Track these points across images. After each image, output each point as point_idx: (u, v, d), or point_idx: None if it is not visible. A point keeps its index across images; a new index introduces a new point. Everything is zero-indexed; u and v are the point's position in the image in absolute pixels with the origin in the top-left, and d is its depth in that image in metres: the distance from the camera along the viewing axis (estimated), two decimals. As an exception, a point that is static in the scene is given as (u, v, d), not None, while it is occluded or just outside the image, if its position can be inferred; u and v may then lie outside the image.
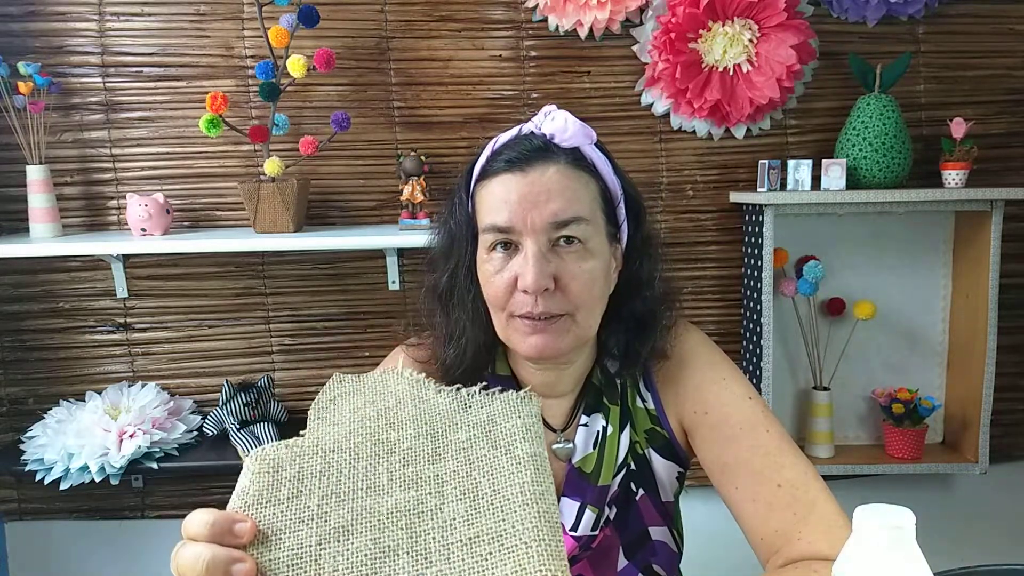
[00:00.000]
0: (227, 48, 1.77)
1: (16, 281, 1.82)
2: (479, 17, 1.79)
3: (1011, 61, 1.88)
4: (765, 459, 0.82)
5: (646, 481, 0.91)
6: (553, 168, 0.80)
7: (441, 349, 0.89)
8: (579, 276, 0.80)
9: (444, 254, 0.89)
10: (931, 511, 1.95)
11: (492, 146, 0.84)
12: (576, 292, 0.80)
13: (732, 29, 1.72)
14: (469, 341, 0.87)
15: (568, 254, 0.80)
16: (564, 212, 0.79)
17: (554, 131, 0.81)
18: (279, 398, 1.87)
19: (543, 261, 0.78)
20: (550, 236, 0.79)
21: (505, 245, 0.81)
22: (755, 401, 0.87)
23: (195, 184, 1.82)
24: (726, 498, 0.86)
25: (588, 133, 0.82)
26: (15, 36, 1.74)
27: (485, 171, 0.83)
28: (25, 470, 1.64)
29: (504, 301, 0.81)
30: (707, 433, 0.87)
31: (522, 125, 0.84)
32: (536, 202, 0.78)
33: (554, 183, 0.79)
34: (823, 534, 0.76)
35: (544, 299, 0.79)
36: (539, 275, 0.77)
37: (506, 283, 0.80)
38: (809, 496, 0.79)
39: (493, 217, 0.80)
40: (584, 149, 0.82)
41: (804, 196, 1.69)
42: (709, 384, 0.88)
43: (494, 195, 0.81)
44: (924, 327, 1.92)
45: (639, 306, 0.88)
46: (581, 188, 0.81)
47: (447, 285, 0.88)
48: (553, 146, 0.81)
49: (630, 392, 0.91)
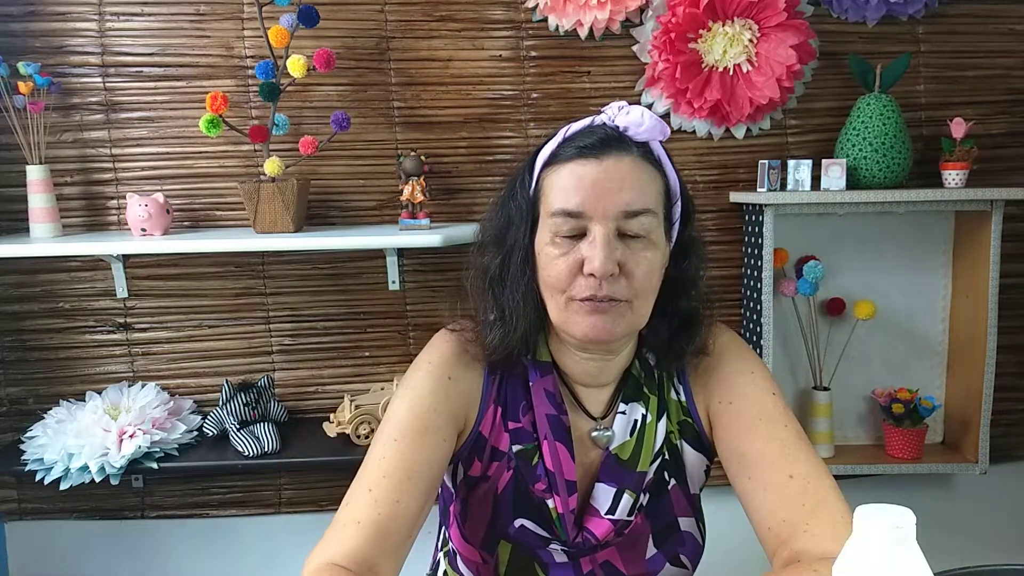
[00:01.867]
0: (227, 48, 1.77)
1: (16, 281, 1.82)
2: (479, 17, 1.79)
3: (1011, 61, 1.88)
4: (780, 450, 0.85)
5: (678, 472, 0.93)
6: (628, 158, 0.82)
7: (486, 331, 0.90)
8: (642, 264, 0.82)
9: (498, 237, 0.90)
10: (931, 511, 1.95)
11: (563, 134, 0.86)
12: (639, 279, 0.82)
13: (732, 29, 1.72)
14: (519, 323, 0.88)
15: (634, 242, 0.82)
16: (635, 202, 0.81)
17: (629, 123, 0.83)
18: (279, 398, 1.87)
19: (611, 247, 0.80)
20: (619, 224, 0.81)
21: (572, 231, 0.82)
22: (778, 397, 0.90)
23: (195, 184, 1.82)
24: (738, 488, 0.88)
25: (663, 128, 0.84)
26: (15, 36, 1.74)
27: (556, 156, 0.85)
28: (25, 470, 1.64)
29: (566, 284, 0.83)
30: (728, 422, 0.90)
31: (594, 117, 0.86)
32: (610, 189, 0.80)
33: (628, 173, 0.81)
34: (829, 529, 0.78)
35: (608, 283, 0.80)
36: (607, 259, 0.79)
37: (570, 266, 0.82)
38: (820, 491, 0.81)
39: (564, 202, 0.82)
40: (653, 145, 0.84)
41: (804, 196, 1.69)
42: (736, 376, 0.91)
43: (566, 179, 0.82)
44: (924, 327, 1.92)
45: (684, 304, 0.90)
46: (650, 181, 0.83)
47: (500, 267, 0.89)
48: (626, 138, 0.83)
49: (665, 383, 0.94)
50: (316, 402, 1.91)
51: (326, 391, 1.91)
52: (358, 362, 1.90)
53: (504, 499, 0.90)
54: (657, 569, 0.92)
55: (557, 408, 0.90)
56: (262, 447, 1.67)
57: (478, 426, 0.90)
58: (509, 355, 0.89)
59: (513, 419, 0.91)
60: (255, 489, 1.94)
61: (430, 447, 0.85)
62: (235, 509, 1.94)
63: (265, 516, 1.94)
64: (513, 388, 0.92)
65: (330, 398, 1.90)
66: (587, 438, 0.92)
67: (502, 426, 0.91)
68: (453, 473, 0.94)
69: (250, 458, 1.66)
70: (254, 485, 1.93)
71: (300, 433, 1.78)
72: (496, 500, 0.90)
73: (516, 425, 0.90)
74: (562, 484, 0.88)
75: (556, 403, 0.90)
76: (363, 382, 1.90)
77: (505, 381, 0.92)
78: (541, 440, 0.89)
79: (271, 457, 1.67)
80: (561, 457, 0.88)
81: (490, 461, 0.90)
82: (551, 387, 0.90)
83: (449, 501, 0.98)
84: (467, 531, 0.92)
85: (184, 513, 1.93)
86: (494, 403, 0.91)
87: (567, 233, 0.82)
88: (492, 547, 0.91)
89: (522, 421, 0.90)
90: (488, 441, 0.90)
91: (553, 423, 0.89)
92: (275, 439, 1.69)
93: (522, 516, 0.90)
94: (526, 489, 0.90)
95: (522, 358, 0.91)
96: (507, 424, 0.91)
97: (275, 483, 1.94)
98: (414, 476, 0.82)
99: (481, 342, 0.90)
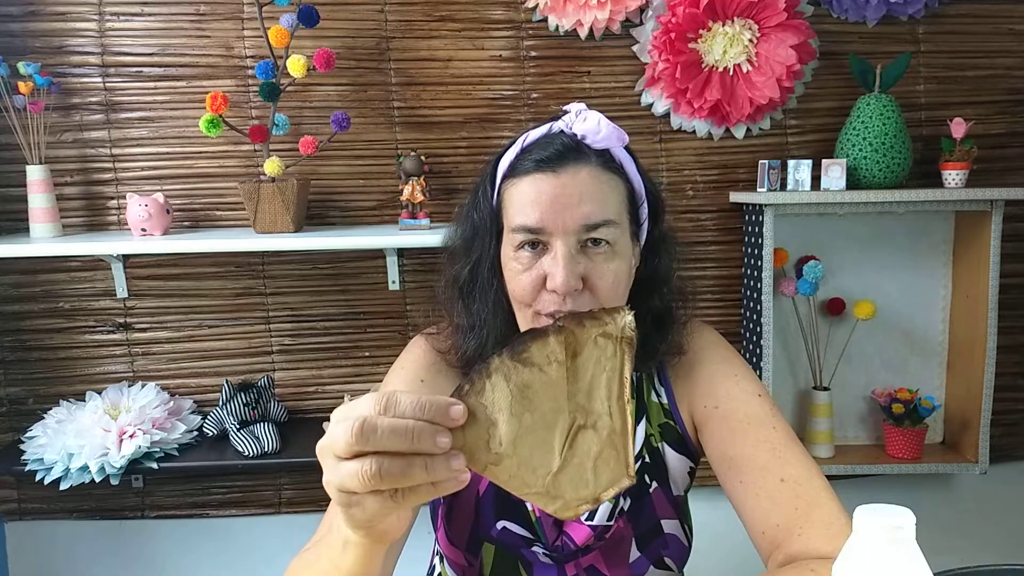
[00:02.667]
0: (227, 48, 1.77)
1: (16, 281, 1.82)
2: (479, 17, 1.79)
3: (1011, 61, 1.88)
4: (770, 454, 0.83)
5: (659, 474, 0.92)
6: (585, 170, 0.80)
7: (461, 339, 0.90)
8: (606, 276, 0.81)
9: (466, 246, 0.90)
10: (931, 511, 1.96)
11: (521, 143, 0.84)
12: (603, 292, 0.81)
13: (732, 29, 1.72)
14: (491, 333, 0.88)
15: (596, 255, 0.81)
16: (595, 215, 0.79)
17: (586, 132, 0.81)
18: (279, 398, 1.87)
19: (573, 262, 0.79)
20: (580, 238, 0.80)
21: (533, 244, 0.81)
22: (764, 398, 0.88)
23: (195, 184, 1.82)
24: (730, 492, 0.87)
25: (620, 136, 0.83)
26: (15, 36, 1.74)
27: (514, 169, 0.83)
28: (25, 470, 1.64)
29: (531, 298, 0.82)
30: (715, 427, 0.88)
31: (552, 123, 0.84)
32: (568, 204, 0.79)
33: (586, 185, 0.80)
34: (823, 531, 0.77)
35: (572, 299, 0.80)
36: (569, 276, 0.78)
37: (533, 281, 0.81)
38: (812, 493, 0.80)
39: (523, 218, 0.81)
40: (614, 151, 0.82)
41: (804, 196, 1.69)
42: (720, 379, 0.90)
43: (524, 195, 0.81)
44: (924, 327, 1.92)
45: (657, 303, 0.89)
46: (611, 190, 0.82)
47: (468, 277, 0.89)
48: (584, 147, 0.81)
49: (645, 387, 0.93)
50: (316, 402, 1.91)
51: (326, 391, 1.91)
52: (358, 362, 1.90)
53: (486, 500, 0.90)
54: (641, 572, 0.91)
55: None
56: (262, 447, 1.67)
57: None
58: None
59: None
60: (255, 489, 1.94)
61: None
62: (235, 509, 1.94)
63: (265, 516, 1.94)
64: None
65: (330, 398, 1.90)
66: None
67: None
68: None
69: (250, 458, 1.66)
70: (254, 485, 1.93)
71: (300, 433, 1.78)
72: (478, 502, 0.90)
73: None
74: None
75: None
76: (363, 382, 1.90)
77: None
78: None
79: (271, 457, 1.67)
80: None
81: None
82: None
83: (437, 504, 0.98)
84: (452, 533, 0.93)
85: (184, 513, 1.93)
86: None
87: (529, 248, 0.81)
88: (476, 549, 0.91)
89: None
90: None
91: None
92: (275, 439, 1.69)
93: (504, 518, 0.90)
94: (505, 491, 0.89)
95: None
96: None
97: (275, 483, 1.94)
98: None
99: (455, 350, 0.90)
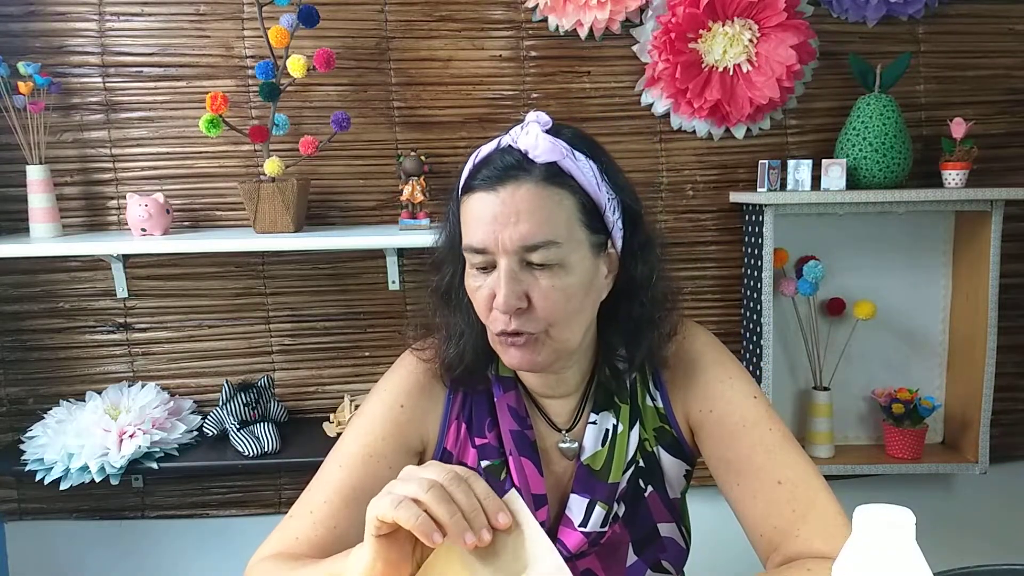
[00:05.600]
0: (227, 48, 1.77)
1: (16, 281, 1.82)
2: (479, 17, 1.79)
3: (1011, 61, 1.88)
4: (767, 456, 0.83)
5: (655, 478, 0.92)
6: (525, 187, 0.77)
7: (443, 347, 0.90)
8: (550, 295, 0.78)
9: (443, 259, 0.90)
10: (931, 511, 1.95)
11: (474, 160, 0.83)
12: (547, 311, 0.79)
13: (732, 29, 1.72)
14: (468, 343, 0.88)
15: (541, 273, 0.79)
16: (533, 236, 0.77)
17: (527, 147, 0.79)
18: (279, 398, 1.87)
19: (514, 282, 0.78)
20: (521, 257, 0.78)
21: (482, 262, 0.80)
22: (759, 400, 0.88)
23: (195, 184, 1.82)
24: (727, 495, 0.87)
25: (559, 149, 0.78)
26: (15, 36, 1.74)
27: (467, 186, 0.82)
28: (25, 470, 1.64)
29: (486, 315, 0.82)
30: (711, 430, 0.88)
31: (501, 137, 0.82)
32: (507, 223, 0.77)
33: (524, 204, 0.77)
34: (821, 532, 0.77)
35: (516, 318, 0.79)
36: (509, 295, 0.77)
37: (485, 299, 0.81)
38: (809, 494, 0.80)
39: (470, 237, 0.80)
40: (560, 163, 0.78)
41: (804, 196, 1.69)
42: (715, 383, 0.89)
43: (470, 213, 0.80)
44: (924, 327, 1.92)
45: (635, 308, 0.87)
46: (554, 207, 0.78)
47: (447, 287, 0.89)
48: (527, 162, 0.78)
49: (639, 390, 0.92)
50: (316, 402, 1.91)
51: (326, 391, 1.91)
52: (358, 362, 1.90)
53: None
54: None
55: (520, 423, 0.89)
56: (262, 447, 1.67)
57: (442, 443, 0.91)
58: (468, 372, 0.89)
59: (479, 435, 0.90)
60: (255, 489, 1.94)
61: (372, 475, 0.86)
62: (235, 509, 1.94)
63: (265, 516, 1.94)
64: (478, 404, 0.91)
65: (330, 398, 1.90)
66: (554, 449, 0.91)
67: (468, 442, 0.91)
68: None
69: (250, 458, 1.66)
70: (254, 485, 1.93)
71: (300, 433, 1.78)
72: None
73: (482, 441, 0.90)
74: (528, 499, 0.86)
75: (520, 417, 0.89)
76: (363, 382, 1.90)
77: (469, 398, 0.92)
78: (507, 456, 0.89)
79: (271, 457, 1.67)
80: (527, 471, 0.88)
81: None
82: (513, 402, 0.90)
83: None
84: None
85: (184, 513, 1.93)
86: (456, 419, 0.91)
87: (479, 265, 0.80)
88: None
89: (488, 437, 0.90)
90: (455, 457, 0.91)
91: (517, 438, 0.88)
92: (275, 439, 1.69)
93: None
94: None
95: (487, 373, 0.91)
96: (473, 440, 0.91)
97: (275, 483, 1.94)
98: (351, 503, 0.85)
99: (440, 360, 0.90)
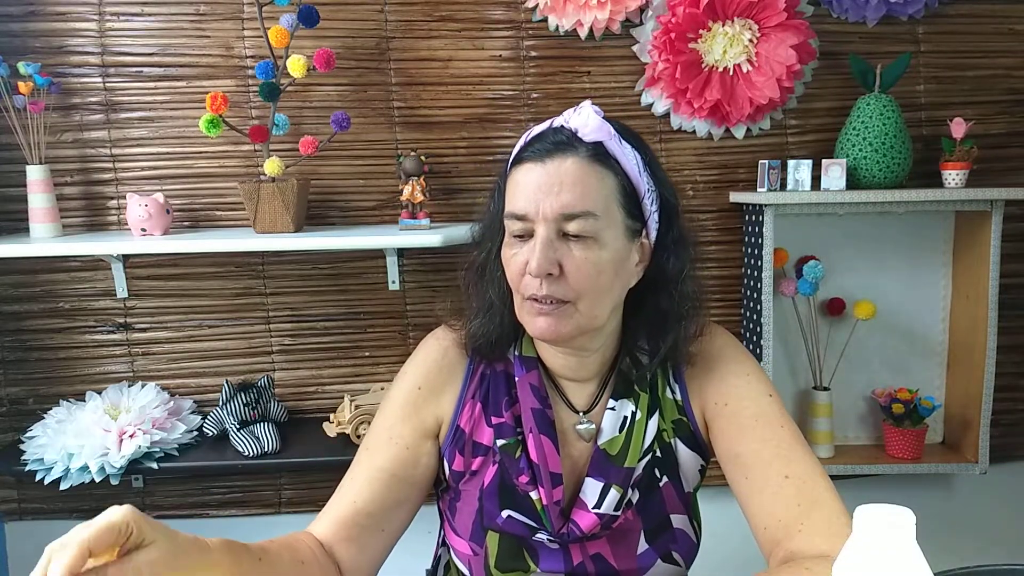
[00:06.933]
0: (227, 48, 1.77)
1: (16, 281, 1.82)
2: (479, 17, 1.79)
3: (1011, 61, 1.88)
4: (776, 451, 0.86)
5: (670, 469, 0.94)
6: (571, 160, 0.83)
7: (471, 320, 0.94)
8: (583, 266, 0.83)
9: (484, 234, 0.95)
10: (931, 511, 1.95)
11: (526, 137, 0.88)
12: (578, 280, 0.83)
13: (732, 29, 1.72)
14: (496, 315, 0.92)
15: (576, 244, 0.83)
16: (574, 205, 0.82)
17: (578, 125, 0.84)
18: (279, 398, 1.87)
19: (549, 248, 0.82)
20: (560, 226, 0.83)
21: (521, 230, 0.85)
22: (774, 399, 0.92)
23: (195, 184, 1.82)
24: (735, 488, 0.89)
25: (608, 129, 0.85)
26: (15, 36, 1.74)
27: (516, 160, 0.88)
28: (25, 470, 1.64)
29: (518, 282, 0.86)
30: (725, 424, 0.91)
31: (554, 119, 0.88)
32: (549, 192, 0.82)
33: (568, 176, 0.82)
34: (824, 529, 0.78)
35: (548, 283, 0.83)
36: (543, 260, 0.82)
37: (519, 265, 0.85)
38: (815, 491, 0.82)
39: (513, 204, 0.85)
40: (607, 144, 0.84)
41: (804, 196, 1.69)
42: (733, 378, 0.93)
43: (517, 183, 0.86)
44: (924, 327, 1.92)
45: (663, 301, 0.91)
46: (596, 182, 0.83)
47: (483, 263, 0.94)
48: (576, 139, 0.84)
49: (660, 382, 0.95)
50: (316, 402, 1.91)
51: (326, 391, 1.91)
52: (358, 362, 1.90)
53: (490, 492, 0.92)
54: (648, 565, 0.92)
55: (542, 402, 0.92)
56: (262, 447, 1.67)
57: (456, 420, 0.94)
58: (491, 346, 0.93)
59: (496, 414, 0.94)
60: (255, 489, 1.94)
61: (391, 457, 0.92)
62: (235, 509, 1.94)
63: (265, 516, 1.94)
64: (496, 384, 0.95)
65: (330, 398, 1.90)
66: (572, 431, 0.94)
67: (483, 421, 0.94)
68: (441, 469, 0.97)
69: (250, 458, 1.66)
70: (254, 485, 1.93)
71: (300, 433, 1.78)
72: (482, 493, 0.93)
73: (499, 420, 0.93)
74: (546, 476, 0.89)
75: (541, 397, 0.93)
76: (363, 382, 1.90)
77: (487, 378, 0.95)
78: (526, 433, 0.91)
79: (271, 457, 1.67)
80: (546, 449, 0.90)
81: (473, 456, 0.94)
82: (536, 381, 0.93)
83: (442, 497, 1.01)
84: (457, 524, 0.95)
85: (184, 513, 1.93)
86: (472, 398, 0.95)
87: (518, 233, 0.85)
88: (481, 539, 0.93)
89: (504, 416, 0.93)
90: (468, 435, 0.94)
91: (538, 416, 0.91)
92: (275, 439, 1.69)
93: (508, 508, 0.92)
94: (511, 483, 0.92)
95: (508, 354, 0.95)
96: (489, 419, 0.94)
97: (275, 483, 1.94)
98: (374, 482, 0.91)
99: (466, 331, 0.95)
